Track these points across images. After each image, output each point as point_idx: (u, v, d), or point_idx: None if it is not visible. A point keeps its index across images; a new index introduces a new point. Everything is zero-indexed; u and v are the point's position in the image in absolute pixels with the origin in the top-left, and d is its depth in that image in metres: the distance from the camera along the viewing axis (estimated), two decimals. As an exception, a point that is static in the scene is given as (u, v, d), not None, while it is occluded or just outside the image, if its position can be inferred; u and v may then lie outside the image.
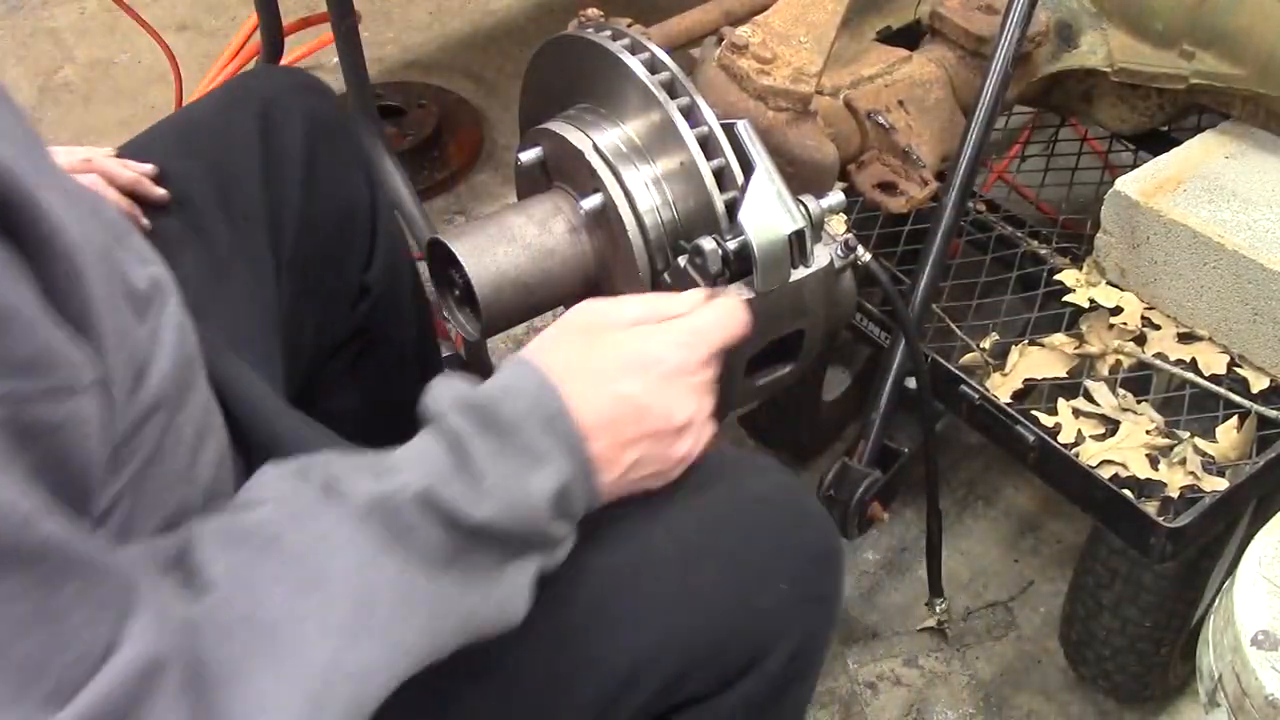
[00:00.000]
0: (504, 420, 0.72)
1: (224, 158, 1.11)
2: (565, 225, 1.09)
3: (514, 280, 1.06)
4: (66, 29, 2.72)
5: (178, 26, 2.68)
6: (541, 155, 1.11)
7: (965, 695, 1.53)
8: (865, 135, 1.34)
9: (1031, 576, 1.66)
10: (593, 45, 1.07)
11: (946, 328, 1.37)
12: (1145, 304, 1.34)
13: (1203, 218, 1.27)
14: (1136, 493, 1.18)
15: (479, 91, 2.49)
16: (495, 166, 2.33)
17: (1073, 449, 1.21)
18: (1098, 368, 1.31)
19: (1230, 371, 1.28)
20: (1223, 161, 1.35)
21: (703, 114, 1.03)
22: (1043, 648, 1.57)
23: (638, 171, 1.06)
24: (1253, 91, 1.32)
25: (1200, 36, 1.33)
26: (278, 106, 1.15)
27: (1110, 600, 1.33)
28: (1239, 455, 1.22)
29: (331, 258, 1.18)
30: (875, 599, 1.64)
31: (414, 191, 1.95)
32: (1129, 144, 1.60)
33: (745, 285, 1.00)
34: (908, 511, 1.72)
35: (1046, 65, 1.44)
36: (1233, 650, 0.94)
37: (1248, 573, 0.97)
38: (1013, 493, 1.75)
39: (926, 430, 1.26)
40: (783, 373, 1.11)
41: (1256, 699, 0.91)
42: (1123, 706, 1.50)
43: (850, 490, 1.22)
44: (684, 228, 1.05)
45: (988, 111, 1.27)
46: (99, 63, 2.62)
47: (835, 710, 1.52)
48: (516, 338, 2.00)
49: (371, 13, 2.68)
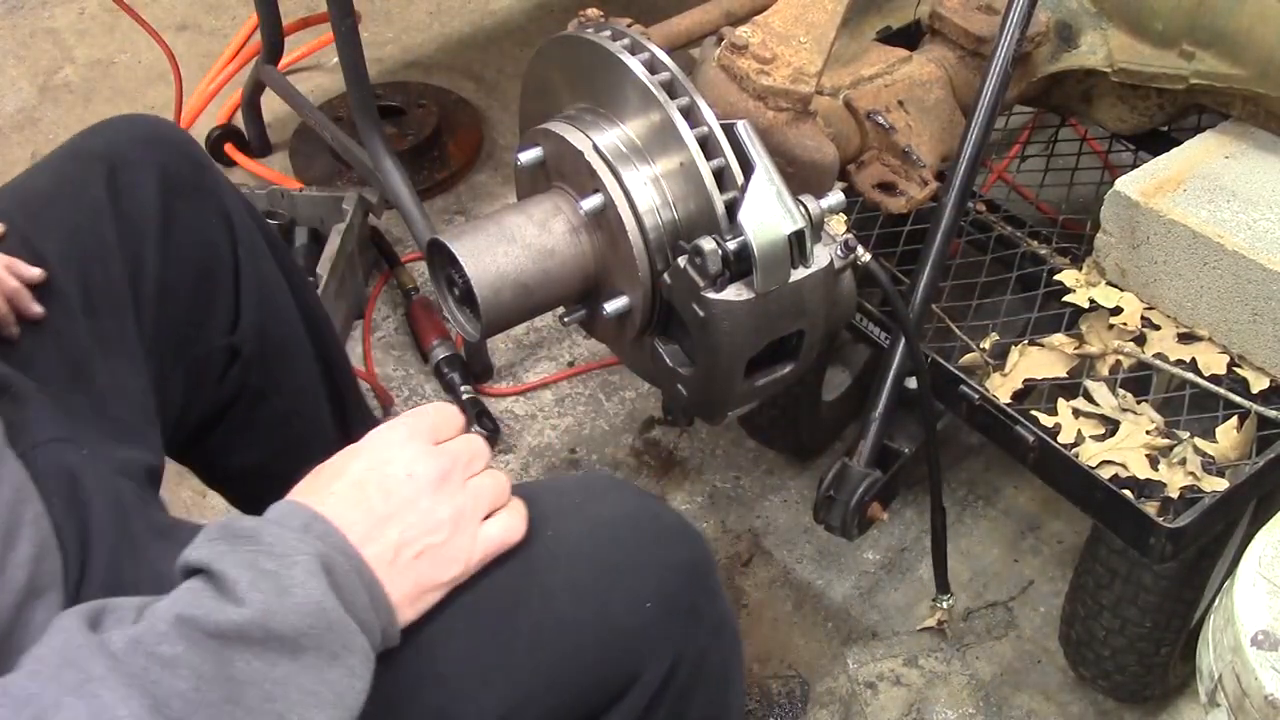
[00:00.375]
0: (249, 530, 0.72)
1: (78, 235, 1.05)
2: (565, 225, 1.09)
3: (514, 280, 1.06)
4: (66, 29, 2.72)
5: (178, 26, 2.68)
6: (541, 155, 1.11)
7: (965, 695, 1.53)
8: (865, 135, 1.34)
9: (1031, 576, 1.66)
10: (593, 45, 1.07)
11: (946, 328, 1.37)
12: (1145, 304, 1.34)
13: (1202, 218, 1.27)
14: (1136, 493, 1.18)
15: (479, 91, 2.49)
16: (495, 166, 2.34)
17: (1072, 449, 1.21)
18: (1098, 368, 1.31)
19: (1230, 371, 1.28)
20: (1223, 161, 1.35)
21: (702, 114, 1.03)
22: (1043, 648, 1.57)
23: (637, 172, 1.06)
24: (1253, 91, 1.32)
25: (1200, 36, 1.33)
26: (126, 166, 1.09)
27: (1110, 600, 1.33)
28: (1239, 455, 1.22)
29: (192, 323, 1.15)
30: (875, 599, 1.64)
31: (414, 191, 1.95)
32: (1129, 144, 1.60)
33: (745, 285, 1.00)
34: (908, 511, 1.72)
35: (1046, 65, 1.44)
36: (1233, 650, 0.94)
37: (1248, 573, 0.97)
38: (1013, 493, 1.75)
39: (927, 430, 1.26)
40: (783, 373, 1.11)
41: (1256, 699, 0.91)
42: (1123, 706, 1.50)
43: (850, 490, 1.22)
44: (684, 228, 1.05)
45: (988, 111, 1.27)
46: (99, 63, 2.62)
47: (835, 710, 1.52)
48: (517, 338, 2.01)
49: (371, 13, 2.68)
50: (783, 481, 1.78)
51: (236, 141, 2.33)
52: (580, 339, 1.99)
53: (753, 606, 1.63)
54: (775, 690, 1.54)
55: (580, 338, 1.99)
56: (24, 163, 2.38)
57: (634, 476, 1.79)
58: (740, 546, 1.70)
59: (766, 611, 1.63)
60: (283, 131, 2.39)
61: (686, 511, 1.74)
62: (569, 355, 1.98)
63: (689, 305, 1.02)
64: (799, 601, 1.63)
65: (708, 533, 1.72)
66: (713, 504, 1.75)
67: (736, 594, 1.64)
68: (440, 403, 0.97)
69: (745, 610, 1.63)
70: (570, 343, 1.99)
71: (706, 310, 1.01)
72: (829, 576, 1.66)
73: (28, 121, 2.48)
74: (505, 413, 1.89)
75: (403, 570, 0.76)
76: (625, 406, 1.89)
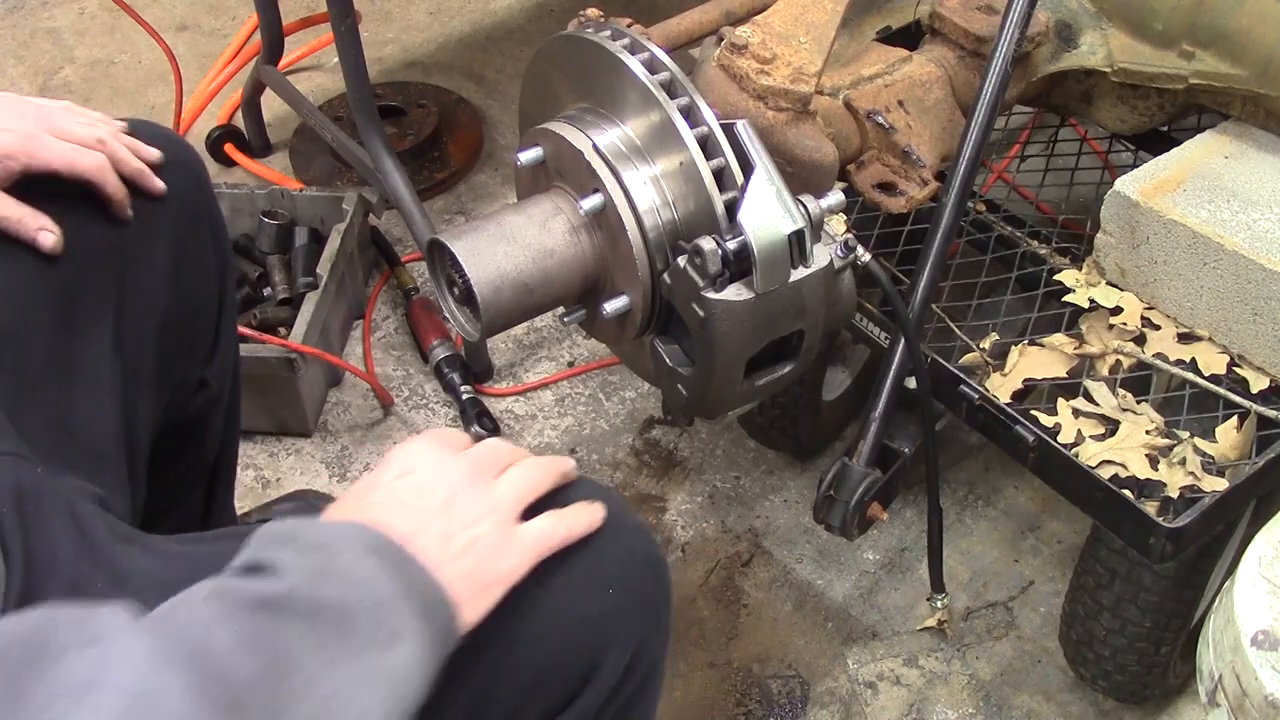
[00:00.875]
0: (286, 532, 0.70)
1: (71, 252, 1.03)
2: (565, 225, 1.09)
3: (514, 280, 1.06)
4: (66, 29, 2.72)
5: (178, 26, 2.68)
6: (541, 155, 1.11)
7: (965, 695, 1.53)
8: (865, 135, 1.34)
9: (1031, 576, 1.66)
10: (593, 45, 1.07)
11: (946, 328, 1.37)
12: (1145, 304, 1.34)
13: (1202, 218, 1.27)
14: (1136, 493, 1.18)
15: (479, 91, 2.49)
16: (495, 166, 2.34)
17: (1072, 449, 1.21)
18: (1098, 368, 1.31)
19: (1230, 371, 1.28)
20: (1222, 161, 1.35)
21: (702, 114, 1.03)
22: (1043, 648, 1.57)
23: (637, 171, 1.06)
24: (1253, 91, 1.32)
25: (1200, 36, 1.33)
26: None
27: (1110, 600, 1.33)
28: (1239, 455, 1.22)
29: (181, 354, 1.14)
30: (875, 599, 1.64)
31: (414, 191, 1.95)
32: (1129, 144, 1.60)
33: (745, 285, 1.00)
34: (908, 511, 1.72)
35: (1046, 65, 1.44)
36: (1233, 650, 0.94)
37: (1248, 573, 0.97)
38: (1013, 493, 1.75)
39: (927, 430, 1.26)
40: (783, 373, 1.11)
41: (1256, 699, 0.91)
42: (1123, 706, 1.50)
43: (850, 490, 1.22)
44: (684, 228, 1.05)
45: (987, 111, 1.27)
46: (99, 63, 2.62)
47: (835, 710, 1.52)
48: (517, 338, 2.01)
49: (371, 13, 2.68)
50: (783, 481, 1.78)
51: (236, 141, 2.33)
52: (580, 339, 1.99)
53: (753, 606, 1.63)
54: (775, 690, 1.54)
55: (580, 338, 1.99)
56: (24, 163, 2.39)
57: (634, 476, 1.79)
58: (740, 546, 1.70)
59: (766, 611, 1.63)
60: (283, 131, 2.39)
61: (686, 511, 1.75)
62: (569, 355, 1.98)
63: (689, 305, 1.02)
64: (799, 601, 1.63)
65: (708, 532, 1.72)
66: (713, 504, 1.75)
67: (736, 594, 1.64)
68: (443, 428, 0.96)
69: (745, 610, 1.63)
70: (570, 343, 1.99)
71: (706, 310, 1.01)
72: (829, 576, 1.66)
73: (28, 121, 2.48)
74: (505, 413, 1.89)
75: (453, 561, 0.74)
76: (625, 406, 1.89)
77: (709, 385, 1.07)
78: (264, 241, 1.99)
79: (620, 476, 1.80)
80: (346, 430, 1.88)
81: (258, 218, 1.99)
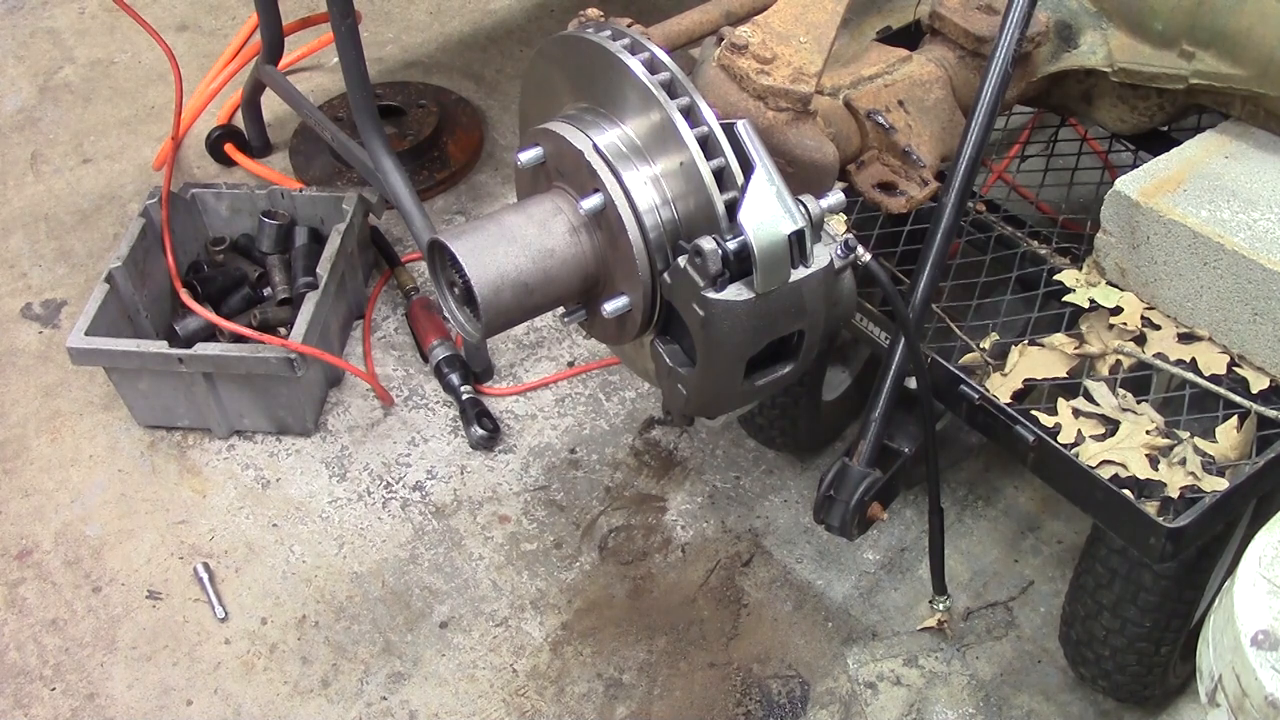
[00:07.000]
0: None
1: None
2: (565, 225, 1.09)
3: (514, 280, 1.06)
4: (66, 29, 2.72)
5: (178, 26, 2.69)
6: (541, 155, 1.11)
7: (965, 695, 1.53)
8: (865, 135, 1.34)
9: (1031, 576, 1.66)
10: (593, 45, 1.07)
11: (946, 328, 1.37)
12: (1145, 304, 1.34)
13: (1202, 218, 1.27)
14: (1136, 493, 1.18)
15: (479, 91, 2.49)
16: (495, 166, 2.34)
17: (1072, 449, 1.21)
18: (1098, 368, 1.31)
19: (1230, 371, 1.28)
20: (1222, 161, 1.35)
21: (702, 114, 1.03)
22: (1043, 648, 1.58)
23: (637, 171, 1.06)
24: (1253, 91, 1.32)
25: (1200, 36, 1.33)
26: None
27: (1110, 600, 1.33)
28: (1239, 455, 1.22)
29: None
30: (875, 599, 1.64)
31: (414, 191, 1.95)
32: (1129, 144, 1.60)
33: (745, 285, 1.00)
34: (908, 511, 1.72)
35: (1046, 65, 1.44)
36: (1233, 650, 0.94)
37: (1248, 573, 0.97)
38: (1013, 493, 1.75)
39: (927, 430, 1.26)
40: (783, 373, 1.11)
41: (1256, 699, 0.91)
42: (1123, 706, 1.50)
43: (850, 490, 1.22)
44: (684, 228, 1.05)
45: (987, 111, 1.27)
46: (99, 63, 2.62)
47: (835, 710, 1.52)
48: (517, 338, 2.01)
49: (371, 13, 2.68)
50: (783, 481, 1.78)
51: (236, 141, 2.33)
52: (580, 339, 1.99)
53: (753, 606, 1.63)
54: (775, 690, 1.54)
55: (580, 338, 1.99)
56: (24, 163, 2.39)
57: (634, 476, 1.79)
58: (740, 546, 1.70)
59: (766, 611, 1.63)
60: (283, 131, 2.39)
61: (686, 511, 1.74)
62: (569, 355, 1.98)
63: (689, 305, 1.02)
64: (799, 601, 1.63)
65: (708, 532, 1.72)
66: (713, 504, 1.75)
67: (736, 594, 1.64)
68: None
69: (745, 610, 1.63)
70: (570, 343, 1.99)
71: (706, 310, 1.01)
72: (829, 576, 1.66)
73: (28, 121, 2.49)
74: (505, 413, 1.89)
75: None
76: (625, 406, 1.89)
77: (709, 385, 1.07)
78: (264, 241, 2.00)
79: (620, 476, 1.80)
80: (346, 430, 1.88)
81: (258, 218, 2.00)
